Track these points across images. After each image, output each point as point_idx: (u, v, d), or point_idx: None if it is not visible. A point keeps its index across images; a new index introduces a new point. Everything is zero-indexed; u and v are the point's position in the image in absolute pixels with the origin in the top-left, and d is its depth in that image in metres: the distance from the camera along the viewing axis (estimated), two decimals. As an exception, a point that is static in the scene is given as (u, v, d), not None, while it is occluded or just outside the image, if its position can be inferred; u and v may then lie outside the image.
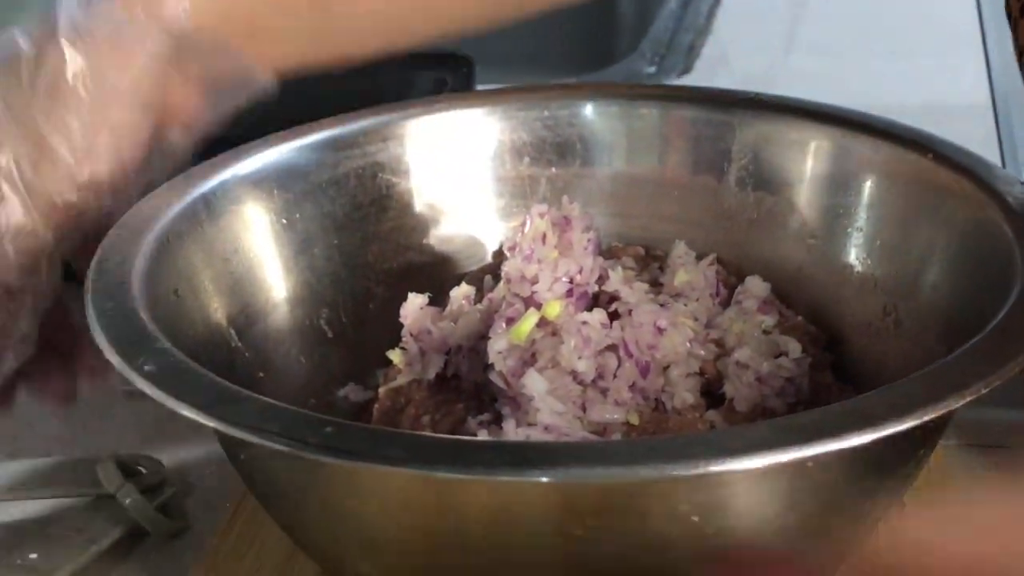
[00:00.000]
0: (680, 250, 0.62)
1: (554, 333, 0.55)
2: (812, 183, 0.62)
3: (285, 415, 0.43)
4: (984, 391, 0.42)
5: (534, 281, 0.55)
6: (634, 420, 0.55)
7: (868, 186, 0.60)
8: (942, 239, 0.56)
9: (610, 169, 0.67)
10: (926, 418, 0.40)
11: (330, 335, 0.63)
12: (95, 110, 0.57)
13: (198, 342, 0.55)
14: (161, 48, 0.58)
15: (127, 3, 0.59)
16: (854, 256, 0.61)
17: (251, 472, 0.50)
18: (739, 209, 0.65)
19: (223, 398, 0.44)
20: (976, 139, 0.87)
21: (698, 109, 0.65)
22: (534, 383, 0.54)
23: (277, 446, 0.42)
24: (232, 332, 0.58)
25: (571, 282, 0.55)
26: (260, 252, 0.60)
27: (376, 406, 0.59)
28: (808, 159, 0.62)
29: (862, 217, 0.61)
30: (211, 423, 0.43)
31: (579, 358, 0.54)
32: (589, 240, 0.56)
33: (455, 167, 0.66)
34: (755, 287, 0.62)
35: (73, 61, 0.57)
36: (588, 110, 0.67)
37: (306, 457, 0.41)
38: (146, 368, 0.45)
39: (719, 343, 0.58)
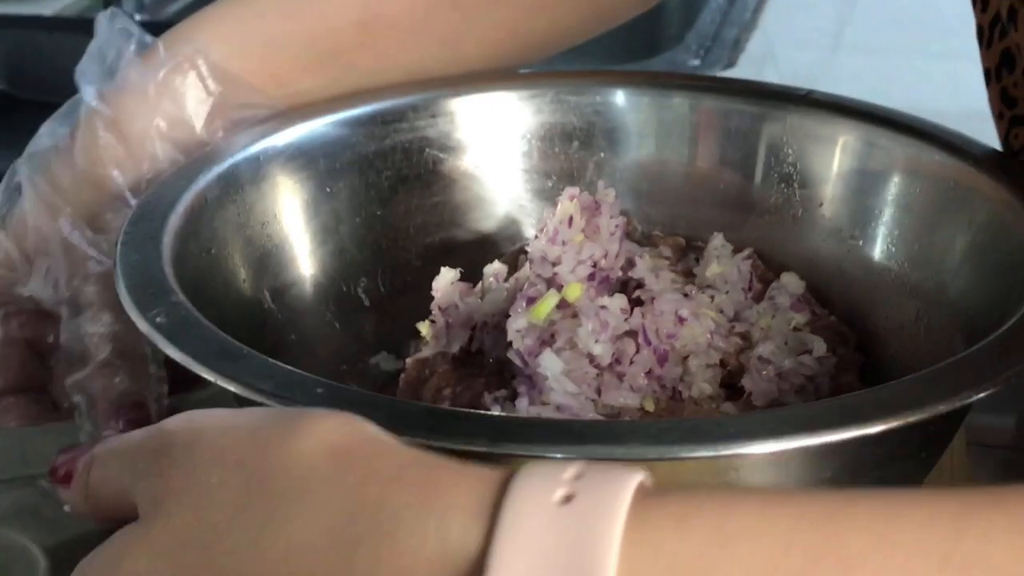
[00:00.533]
0: (717, 242, 0.62)
1: (574, 315, 0.55)
2: (847, 182, 0.61)
3: (279, 373, 0.44)
4: (968, 401, 0.42)
5: (556, 262, 0.55)
6: (649, 406, 0.55)
7: (908, 189, 0.59)
8: (973, 245, 0.56)
9: (657, 158, 0.67)
10: (898, 423, 0.40)
11: (367, 303, 0.64)
12: (134, 147, 0.60)
13: (229, 301, 0.57)
14: (184, 87, 0.60)
15: (147, 55, 0.61)
16: (891, 258, 0.60)
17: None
18: (784, 205, 0.64)
19: (224, 353, 0.45)
20: None
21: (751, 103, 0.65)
22: (550, 363, 0.54)
23: (266, 402, 0.43)
24: (266, 294, 0.59)
25: (595, 266, 0.56)
26: (300, 219, 0.62)
27: (403, 376, 0.60)
28: (845, 158, 0.62)
29: (902, 220, 0.60)
30: (206, 375, 0.44)
31: (596, 341, 0.54)
32: (617, 226, 0.56)
33: (503, 146, 0.67)
34: (790, 283, 0.62)
35: (101, 115, 0.59)
36: (645, 99, 0.67)
37: (295, 416, 0.43)
38: (158, 320, 0.47)
39: (745, 336, 0.58)
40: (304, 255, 0.62)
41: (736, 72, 1.01)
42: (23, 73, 1.13)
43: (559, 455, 0.41)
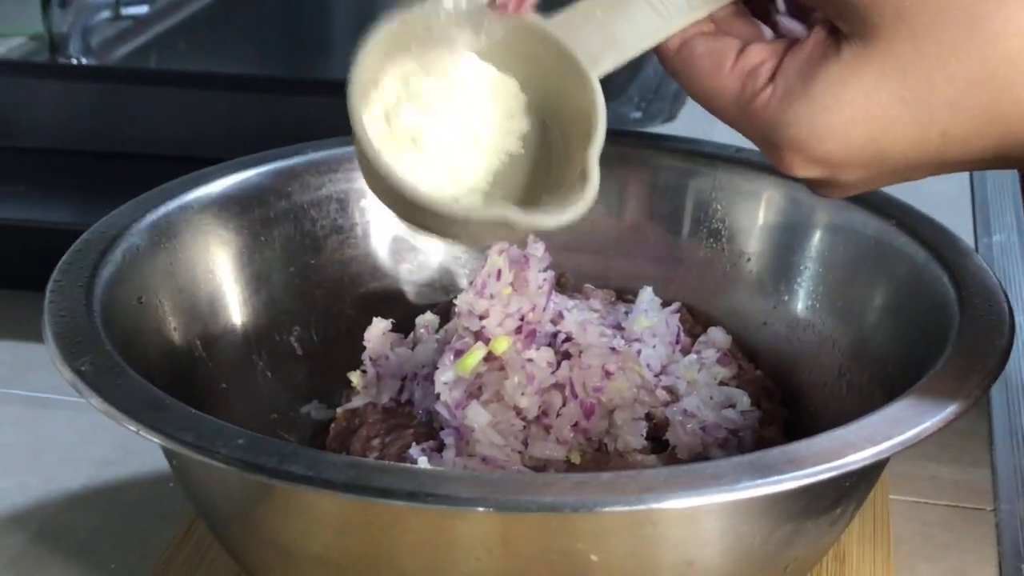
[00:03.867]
0: (646, 296, 0.63)
1: (501, 368, 0.56)
2: (772, 237, 0.63)
3: (202, 424, 0.44)
4: (876, 460, 0.42)
5: (484, 316, 0.56)
6: (575, 459, 0.56)
7: (830, 245, 0.61)
8: (893, 302, 0.57)
9: (589, 212, 0.67)
10: (811, 480, 0.41)
11: (299, 352, 0.64)
12: None
13: (159, 350, 0.57)
14: None
15: None
16: (814, 314, 0.61)
17: (182, 481, 0.51)
18: (712, 260, 0.65)
19: (148, 404, 0.45)
20: (951, 200, 0.88)
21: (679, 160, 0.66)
22: (476, 415, 0.55)
23: (188, 453, 0.43)
24: (197, 342, 0.59)
25: (522, 319, 0.56)
26: (233, 267, 0.62)
27: (333, 425, 0.61)
28: (770, 214, 0.63)
29: (824, 276, 0.61)
30: (129, 426, 0.44)
31: (522, 394, 0.55)
32: (545, 280, 0.57)
33: (438, 198, 0.67)
34: (716, 338, 0.63)
35: None
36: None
37: (215, 467, 0.43)
38: (83, 368, 0.47)
39: (671, 390, 0.59)
40: (236, 304, 0.62)
41: (676, 125, 1.02)
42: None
43: (479, 508, 0.42)
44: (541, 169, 0.49)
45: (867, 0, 0.43)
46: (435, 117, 0.47)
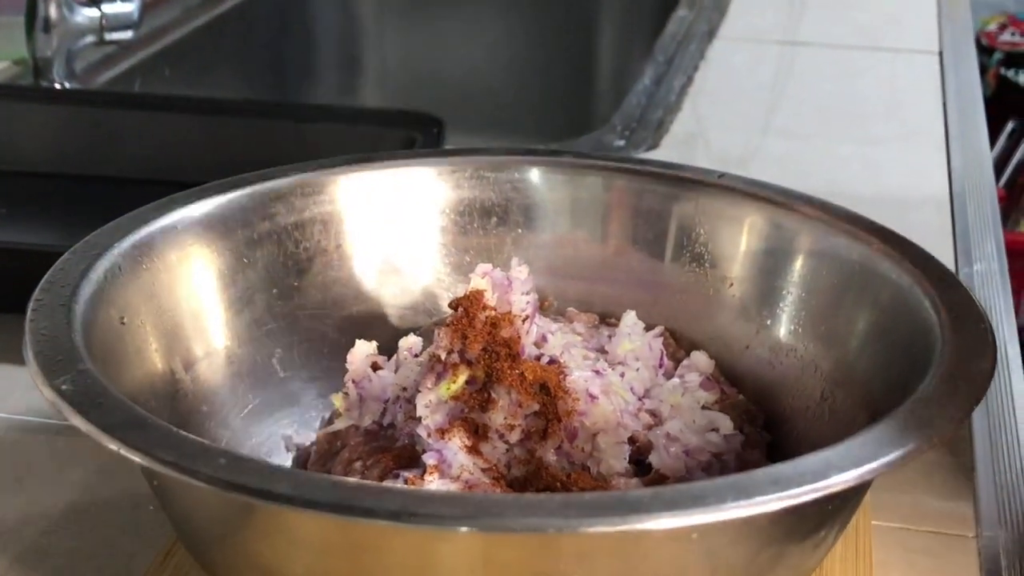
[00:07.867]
0: (630, 319, 0.63)
1: (483, 391, 0.56)
2: (755, 262, 0.63)
3: (184, 444, 0.44)
4: (860, 481, 0.42)
5: (467, 338, 0.56)
6: (558, 482, 0.56)
7: (813, 270, 0.61)
8: (877, 327, 0.57)
9: (572, 236, 0.68)
10: (793, 501, 0.41)
11: (282, 375, 0.64)
12: None
13: (140, 370, 0.56)
14: None
15: None
16: (797, 339, 0.61)
17: (163, 502, 0.51)
18: (695, 284, 0.65)
19: (129, 423, 0.45)
20: (932, 229, 0.88)
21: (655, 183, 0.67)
22: (458, 439, 0.55)
23: (169, 472, 0.43)
24: (178, 363, 0.59)
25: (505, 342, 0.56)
26: (215, 288, 0.62)
27: (314, 448, 0.60)
28: (753, 239, 0.63)
29: (807, 301, 0.61)
30: (110, 445, 0.44)
31: (505, 417, 0.55)
32: (528, 303, 0.57)
33: (422, 221, 0.68)
34: (699, 362, 0.63)
35: None
36: (560, 177, 0.68)
37: (197, 486, 0.43)
38: (63, 388, 0.47)
39: (654, 413, 0.59)
40: (218, 325, 0.62)
41: (660, 153, 1.03)
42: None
43: (463, 528, 0.41)
44: None
45: None
46: None
